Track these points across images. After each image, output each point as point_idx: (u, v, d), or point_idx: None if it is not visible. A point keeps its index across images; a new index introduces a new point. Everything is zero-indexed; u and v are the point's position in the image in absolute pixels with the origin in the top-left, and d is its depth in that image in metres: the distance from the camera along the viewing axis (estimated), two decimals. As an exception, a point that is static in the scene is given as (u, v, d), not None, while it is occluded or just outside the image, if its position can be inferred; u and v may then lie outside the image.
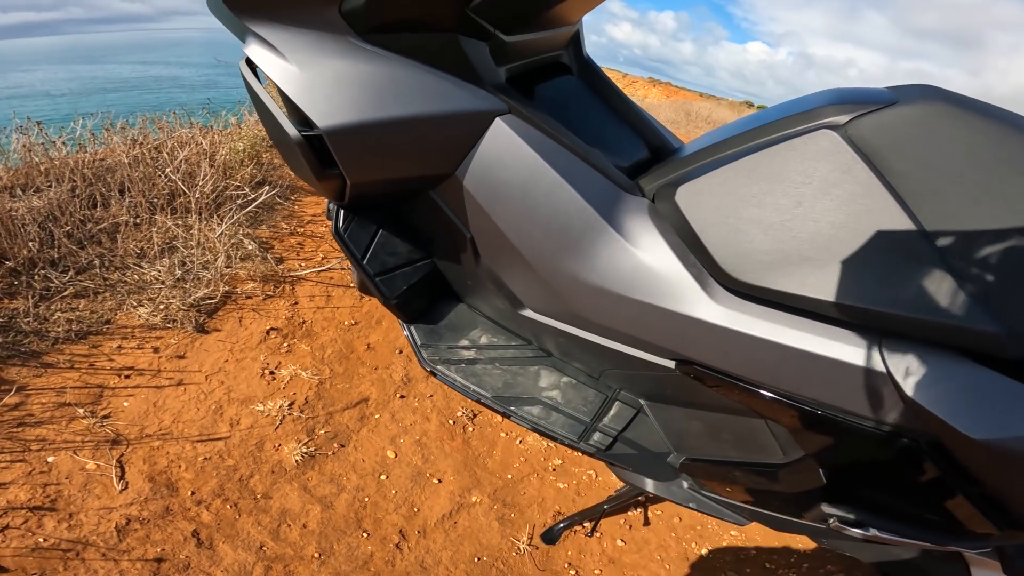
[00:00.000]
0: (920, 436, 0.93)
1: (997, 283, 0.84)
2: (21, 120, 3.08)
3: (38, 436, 1.79)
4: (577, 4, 1.39)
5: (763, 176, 1.01)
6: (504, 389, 1.46)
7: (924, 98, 0.92)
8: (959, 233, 0.86)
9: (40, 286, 2.34)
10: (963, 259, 0.86)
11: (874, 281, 0.91)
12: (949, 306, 0.85)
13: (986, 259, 0.84)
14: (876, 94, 0.99)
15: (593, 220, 1.17)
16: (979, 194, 0.86)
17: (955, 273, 0.86)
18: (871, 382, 0.93)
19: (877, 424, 0.96)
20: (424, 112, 1.18)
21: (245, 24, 1.17)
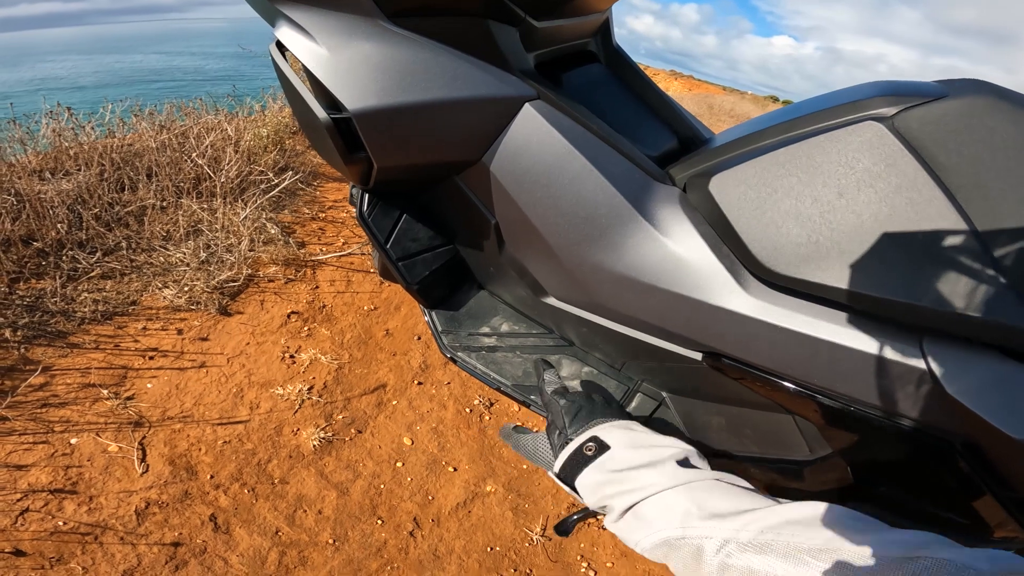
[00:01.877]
0: (954, 436, 0.87)
1: None
2: (51, 106, 3.03)
3: (62, 417, 1.73)
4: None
5: (803, 167, 0.95)
6: (524, 378, 1.40)
7: (975, 92, 0.86)
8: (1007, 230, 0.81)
9: (68, 267, 2.29)
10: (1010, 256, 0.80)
11: (917, 276, 0.85)
12: (994, 304, 0.80)
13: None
14: (924, 87, 0.92)
15: (622, 208, 1.10)
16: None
17: (1001, 270, 0.80)
18: (909, 379, 0.87)
19: (911, 422, 0.91)
20: (453, 97, 1.13)
21: (276, 7, 1.13)
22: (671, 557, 0.72)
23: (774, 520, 0.66)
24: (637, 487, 0.79)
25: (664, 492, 0.77)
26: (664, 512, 0.74)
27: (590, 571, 1.78)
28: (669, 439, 0.89)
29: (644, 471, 0.81)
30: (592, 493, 0.85)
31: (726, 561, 0.65)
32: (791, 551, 0.62)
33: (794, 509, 0.67)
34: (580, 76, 1.45)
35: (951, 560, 0.54)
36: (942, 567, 0.53)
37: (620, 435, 0.89)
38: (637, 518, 0.77)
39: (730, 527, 0.67)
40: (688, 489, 0.76)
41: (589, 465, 0.87)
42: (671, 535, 0.71)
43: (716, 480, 0.79)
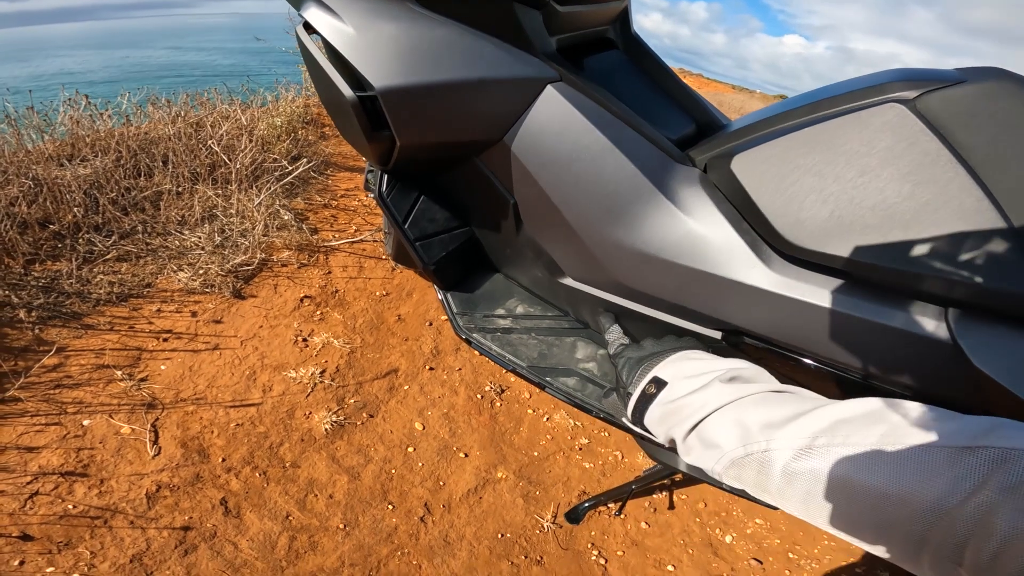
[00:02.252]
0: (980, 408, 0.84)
1: None
2: (70, 93, 3.02)
3: (75, 398, 1.71)
4: None
5: (825, 146, 0.95)
6: (539, 359, 1.38)
7: (993, 78, 0.86)
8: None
9: (84, 249, 2.27)
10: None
11: (941, 249, 0.84)
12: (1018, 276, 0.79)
13: None
14: (943, 73, 0.92)
15: (643, 186, 1.10)
16: None
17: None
18: (935, 353, 0.86)
19: (935, 397, 0.89)
20: (477, 77, 1.15)
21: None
22: (742, 478, 0.72)
23: (825, 422, 0.64)
24: (689, 412, 0.81)
25: (715, 413, 0.78)
26: (721, 433, 0.75)
27: (600, 559, 1.74)
28: (722, 361, 0.90)
29: (694, 396, 0.82)
30: (658, 429, 0.89)
31: (789, 469, 0.65)
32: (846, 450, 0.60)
33: (843, 408, 0.66)
34: (600, 62, 1.45)
35: (1016, 448, 0.50)
36: (1007, 458, 0.49)
37: (676, 368, 0.92)
38: (701, 444, 0.78)
39: (784, 435, 0.67)
40: (738, 406, 0.76)
41: (652, 403, 0.90)
42: (736, 455, 0.72)
43: (765, 392, 0.79)
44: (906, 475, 0.54)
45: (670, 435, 0.85)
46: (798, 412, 0.68)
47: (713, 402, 0.79)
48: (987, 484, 0.48)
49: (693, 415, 0.80)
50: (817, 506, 0.62)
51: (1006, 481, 0.48)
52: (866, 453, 0.58)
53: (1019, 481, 0.47)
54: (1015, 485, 0.47)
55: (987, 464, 0.50)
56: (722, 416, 0.76)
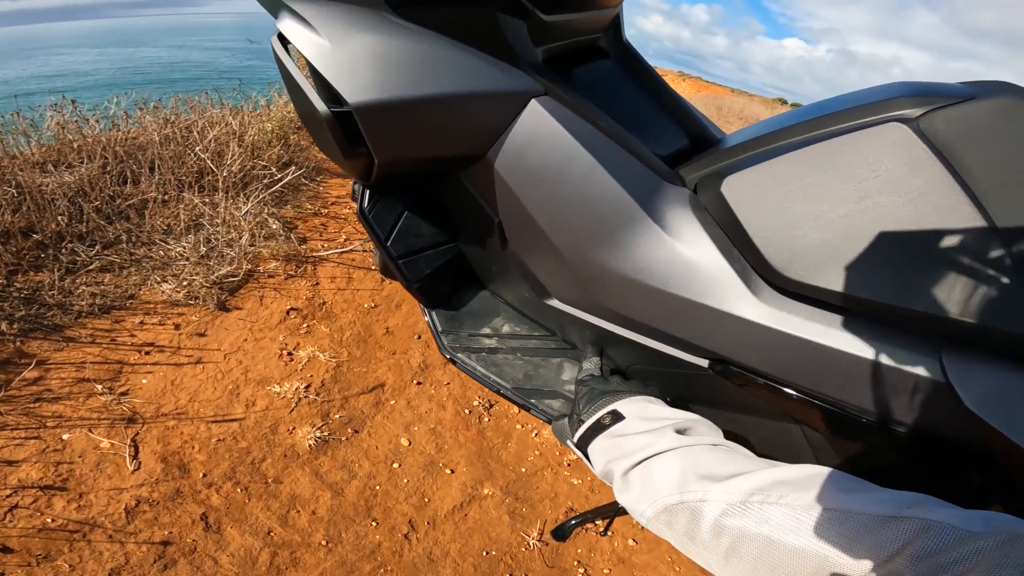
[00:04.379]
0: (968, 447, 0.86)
1: None
2: (56, 98, 3.06)
3: (55, 412, 1.75)
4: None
5: (821, 168, 0.93)
6: (525, 380, 1.39)
7: (1001, 94, 0.84)
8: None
9: (67, 259, 2.31)
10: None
11: (939, 285, 0.82)
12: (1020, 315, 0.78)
13: None
14: (951, 88, 0.90)
15: (629, 208, 1.08)
16: None
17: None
18: (926, 390, 0.85)
19: (923, 433, 0.88)
20: (457, 91, 1.12)
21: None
22: (673, 525, 0.74)
23: (765, 481, 0.67)
24: (633, 449, 0.83)
25: (659, 456, 0.80)
26: (661, 477, 0.77)
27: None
28: (683, 412, 0.92)
29: (643, 436, 0.85)
30: (599, 459, 0.90)
31: (720, 522, 0.67)
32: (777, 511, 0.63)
33: (785, 471, 0.68)
34: (589, 72, 1.44)
35: (940, 521, 0.53)
36: (929, 529, 0.53)
37: (636, 407, 0.94)
38: (640, 485, 0.80)
39: (722, 489, 0.69)
40: (683, 453, 0.78)
41: (602, 433, 0.93)
42: (670, 501, 0.73)
43: (713, 446, 0.81)
44: (828, 539, 0.58)
45: (609, 468, 0.87)
46: (741, 470, 0.71)
47: (660, 445, 0.81)
48: (902, 553, 0.52)
49: (636, 453, 0.82)
50: (737, 562, 0.65)
51: (920, 551, 0.52)
52: (795, 514, 0.62)
53: (933, 551, 0.51)
54: (928, 555, 0.51)
55: (906, 534, 0.53)
56: (665, 461, 0.79)
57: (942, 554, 0.50)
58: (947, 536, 0.52)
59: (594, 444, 0.93)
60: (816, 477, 0.66)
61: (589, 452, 0.94)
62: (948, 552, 0.50)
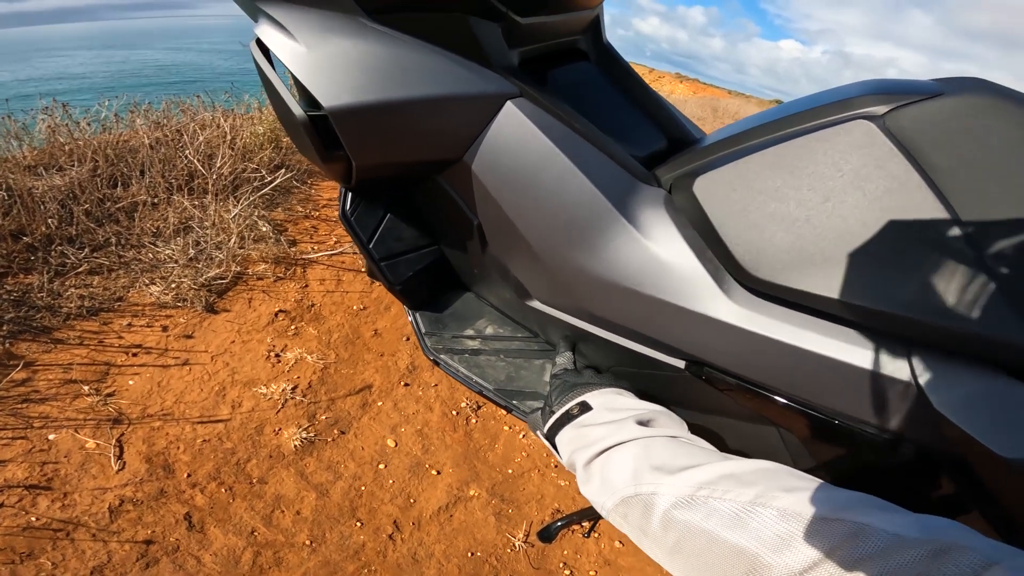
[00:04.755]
0: (941, 451, 0.86)
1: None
2: (47, 101, 3.08)
3: (41, 413, 1.76)
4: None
5: (789, 168, 0.93)
6: (507, 382, 1.40)
7: (971, 90, 0.84)
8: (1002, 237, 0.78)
9: (56, 262, 2.32)
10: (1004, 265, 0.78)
11: (907, 285, 0.82)
12: (987, 316, 0.77)
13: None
14: (919, 85, 0.90)
15: (604, 209, 1.09)
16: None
17: (995, 280, 0.78)
18: (896, 392, 0.85)
19: (897, 436, 0.89)
20: (432, 94, 1.13)
21: (257, 4, 1.14)
22: (628, 518, 0.74)
23: (712, 475, 0.67)
24: (595, 439, 0.84)
25: (618, 447, 0.81)
26: (619, 468, 0.77)
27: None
28: (649, 404, 0.94)
29: (605, 427, 0.86)
30: (565, 449, 0.92)
31: (668, 515, 0.67)
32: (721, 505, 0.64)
33: (734, 464, 0.69)
34: (567, 74, 1.44)
35: (871, 525, 0.53)
36: (859, 533, 0.52)
37: (604, 399, 0.96)
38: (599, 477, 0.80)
39: (673, 481, 0.69)
40: (641, 444, 0.79)
41: (569, 423, 0.94)
42: (626, 493, 0.74)
43: (672, 438, 0.82)
44: (764, 536, 0.58)
45: (572, 459, 0.89)
46: (694, 462, 0.72)
47: (620, 435, 0.82)
48: (831, 556, 0.52)
49: (597, 443, 0.83)
50: (682, 557, 0.65)
51: (848, 556, 0.51)
52: (736, 510, 0.62)
53: (860, 557, 0.51)
54: (855, 561, 0.51)
55: (837, 537, 0.53)
56: (623, 452, 0.80)
57: (869, 560, 0.50)
58: (876, 542, 0.51)
59: (561, 434, 0.95)
60: (763, 472, 0.66)
61: (556, 442, 0.96)
62: (876, 559, 0.50)
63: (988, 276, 0.78)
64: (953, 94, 0.84)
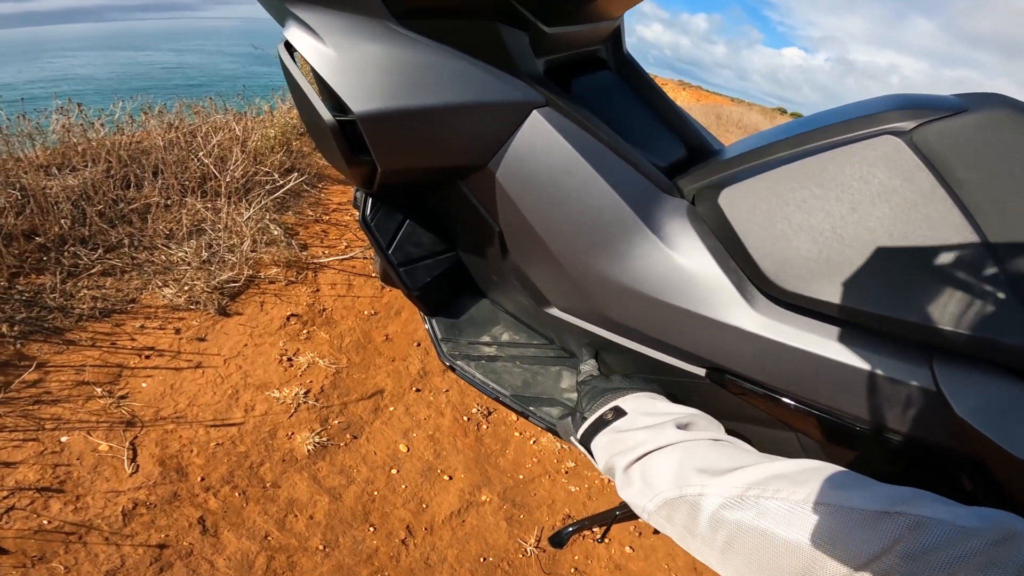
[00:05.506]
0: (960, 454, 0.86)
1: None
2: (62, 101, 3.06)
3: (53, 415, 1.74)
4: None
5: (816, 180, 0.93)
6: (523, 388, 1.38)
7: (995, 106, 0.84)
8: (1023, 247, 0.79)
9: (69, 263, 2.31)
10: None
11: (929, 295, 0.83)
12: (1007, 325, 0.78)
13: None
14: (943, 101, 0.91)
15: (628, 218, 1.08)
16: None
17: (1017, 290, 0.78)
18: (917, 399, 0.86)
19: (916, 441, 0.89)
20: (460, 101, 1.12)
21: (286, 6, 1.12)
22: (673, 519, 0.74)
23: (762, 475, 0.67)
24: (635, 444, 0.84)
25: (660, 451, 0.80)
26: (661, 471, 0.77)
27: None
28: (685, 408, 0.93)
29: (646, 431, 0.85)
30: (602, 454, 0.90)
31: (717, 516, 0.67)
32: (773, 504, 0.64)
33: (783, 464, 0.69)
34: (590, 83, 1.43)
35: (933, 517, 0.53)
36: (921, 525, 0.52)
37: (639, 403, 0.95)
38: (640, 480, 0.80)
39: (720, 483, 0.69)
40: (683, 448, 0.79)
41: (605, 428, 0.93)
42: (670, 495, 0.74)
43: (713, 440, 0.82)
44: (821, 532, 0.57)
45: (611, 463, 0.88)
46: (739, 464, 0.72)
47: (661, 440, 0.82)
48: (892, 550, 0.52)
49: (638, 447, 0.83)
50: (734, 555, 0.65)
51: (911, 548, 0.51)
52: (790, 508, 0.62)
53: (923, 549, 0.50)
54: (918, 553, 0.50)
55: (898, 530, 0.53)
56: (665, 455, 0.79)
57: (933, 552, 0.50)
58: (939, 533, 0.51)
59: (596, 440, 0.94)
60: (813, 472, 0.66)
61: (592, 448, 0.94)
62: (940, 550, 0.50)
63: (1010, 286, 0.79)
64: (977, 110, 0.84)
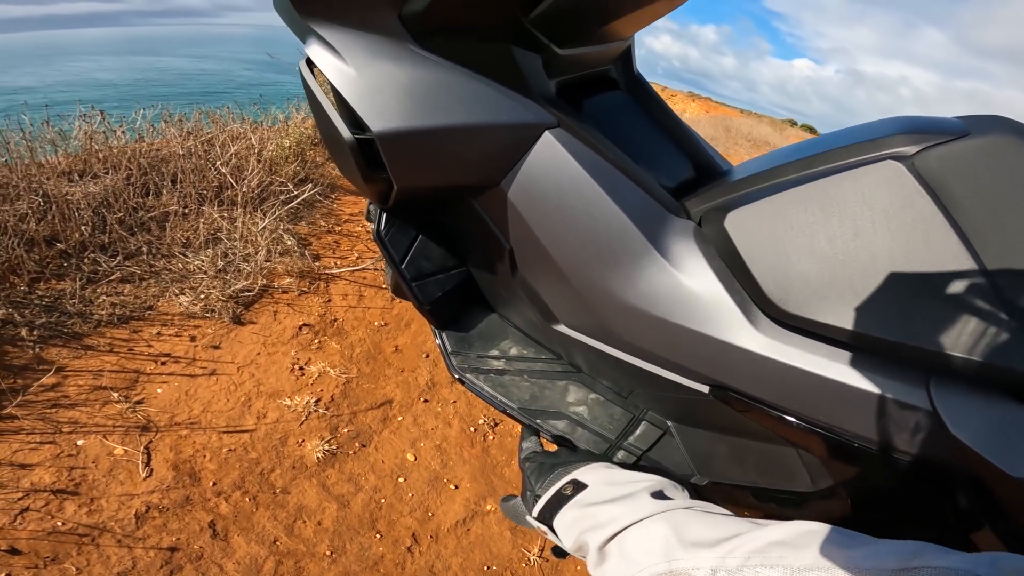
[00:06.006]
0: (956, 471, 0.88)
1: None
2: (85, 108, 3.11)
3: (71, 418, 1.78)
4: (633, 20, 1.32)
5: (819, 205, 0.95)
6: (531, 401, 1.39)
7: (997, 131, 0.86)
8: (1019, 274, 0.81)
9: (88, 269, 2.35)
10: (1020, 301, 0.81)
11: (927, 319, 0.85)
12: (1002, 348, 0.80)
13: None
14: (946, 124, 0.92)
15: (636, 239, 1.10)
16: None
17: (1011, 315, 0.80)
18: (914, 418, 0.87)
19: (913, 458, 0.91)
20: (475, 122, 1.14)
21: (308, 24, 1.14)
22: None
23: (760, 543, 0.64)
24: (609, 519, 0.78)
25: (638, 524, 0.75)
26: (644, 546, 0.72)
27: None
28: (646, 474, 0.89)
29: (617, 504, 0.80)
30: (569, 532, 0.84)
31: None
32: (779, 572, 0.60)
33: (778, 530, 0.66)
34: (601, 103, 1.45)
35: (949, 567, 0.51)
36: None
37: (598, 475, 0.90)
38: (619, 556, 0.75)
39: (716, 555, 0.66)
40: (665, 519, 0.74)
41: (566, 504, 0.86)
42: (657, 570, 0.68)
43: (689, 509, 0.78)
44: None
45: (582, 540, 0.81)
46: (729, 533, 0.68)
47: (637, 512, 0.76)
48: None
49: (613, 522, 0.77)
50: None
51: None
52: (800, 573, 0.59)
53: None
54: None
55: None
56: (645, 528, 0.74)
57: None
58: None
59: (560, 516, 0.86)
60: (812, 534, 0.64)
61: (555, 526, 0.87)
62: None
63: (1004, 311, 0.80)
64: (978, 134, 0.86)
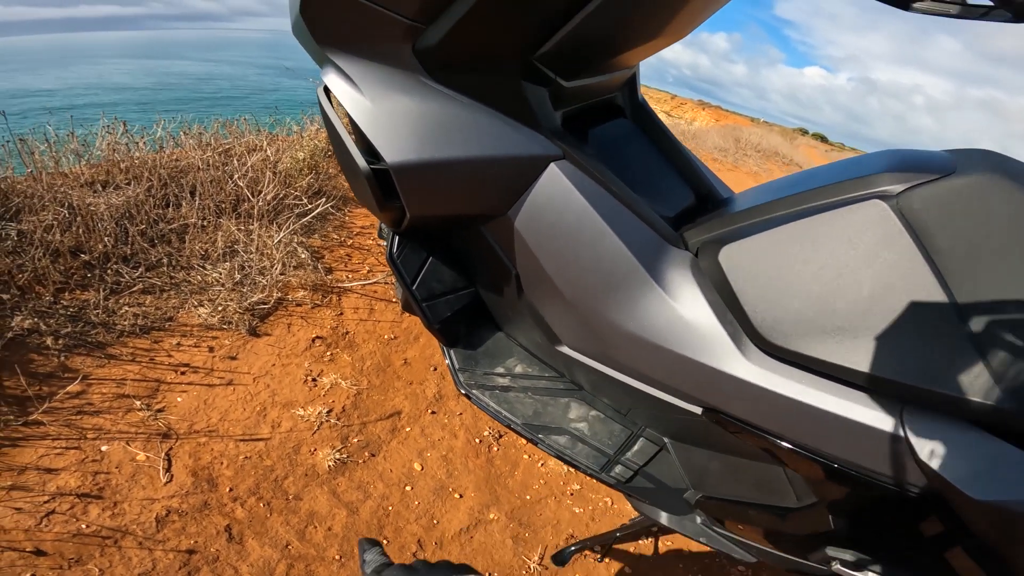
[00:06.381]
0: (927, 493, 0.93)
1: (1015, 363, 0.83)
2: (103, 112, 3.19)
3: (95, 425, 1.85)
4: (639, 51, 1.38)
5: (808, 242, 1.00)
6: (534, 417, 1.44)
7: (981, 169, 0.90)
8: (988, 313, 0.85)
9: (111, 280, 2.42)
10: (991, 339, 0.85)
11: (902, 354, 0.90)
12: (970, 383, 0.85)
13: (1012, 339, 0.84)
14: (933, 160, 0.97)
15: (634, 270, 1.16)
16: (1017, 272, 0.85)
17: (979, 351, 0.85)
18: (888, 444, 0.93)
19: (889, 480, 0.96)
20: (485, 155, 1.19)
21: (325, 53, 1.19)
22: None
23: None
24: None
25: None
26: None
27: (584, 604, 1.83)
28: None
29: None
30: None
31: None
32: None
33: None
34: (606, 132, 1.50)
35: None
36: None
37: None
38: None
39: None
40: None
41: None
42: None
43: None
44: None
45: None
46: None
47: None
48: None
49: None
50: None
51: None
52: None
53: None
54: None
55: None
56: None
57: None
58: None
59: None
60: None
61: None
62: None
63: (974, 348, 0.85)
64: (963, 173, 0.90)
